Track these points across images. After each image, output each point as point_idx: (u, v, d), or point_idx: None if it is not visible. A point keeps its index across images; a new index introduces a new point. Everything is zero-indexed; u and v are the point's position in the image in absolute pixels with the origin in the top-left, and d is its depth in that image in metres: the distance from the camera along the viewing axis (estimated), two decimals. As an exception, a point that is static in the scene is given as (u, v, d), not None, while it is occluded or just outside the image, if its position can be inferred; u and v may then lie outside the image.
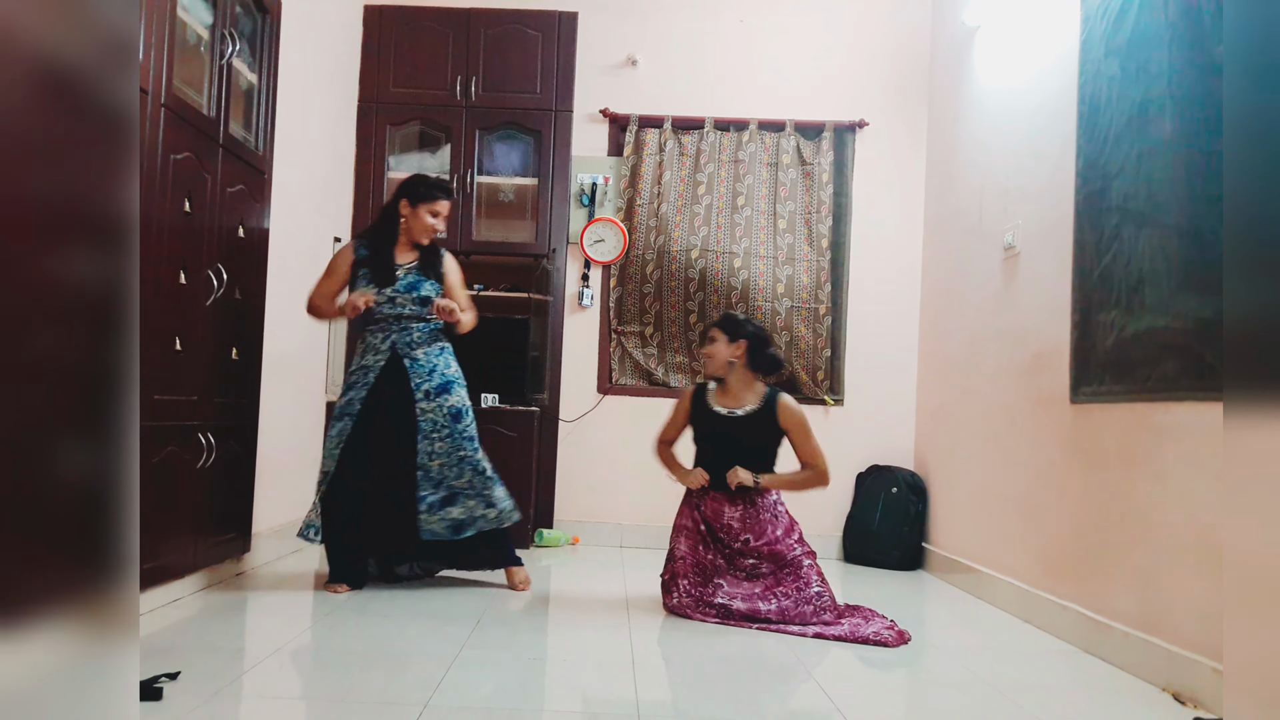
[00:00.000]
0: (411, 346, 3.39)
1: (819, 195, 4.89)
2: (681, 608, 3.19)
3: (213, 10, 3.05)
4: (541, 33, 4.78)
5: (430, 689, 2.25)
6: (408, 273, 3.41)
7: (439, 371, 3.40)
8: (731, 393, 3.43)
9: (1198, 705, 2.37)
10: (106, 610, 1.10)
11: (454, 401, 3.40)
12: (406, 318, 3.39)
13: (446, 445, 3.37)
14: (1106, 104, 2.98)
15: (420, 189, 3.47)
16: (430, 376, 3.38)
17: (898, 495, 4.58)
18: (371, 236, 3.50)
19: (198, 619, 2.86)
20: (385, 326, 3.40)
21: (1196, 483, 2.48)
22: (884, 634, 2.95)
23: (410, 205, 3.45)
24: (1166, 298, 2.61)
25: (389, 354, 3.38)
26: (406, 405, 3.35)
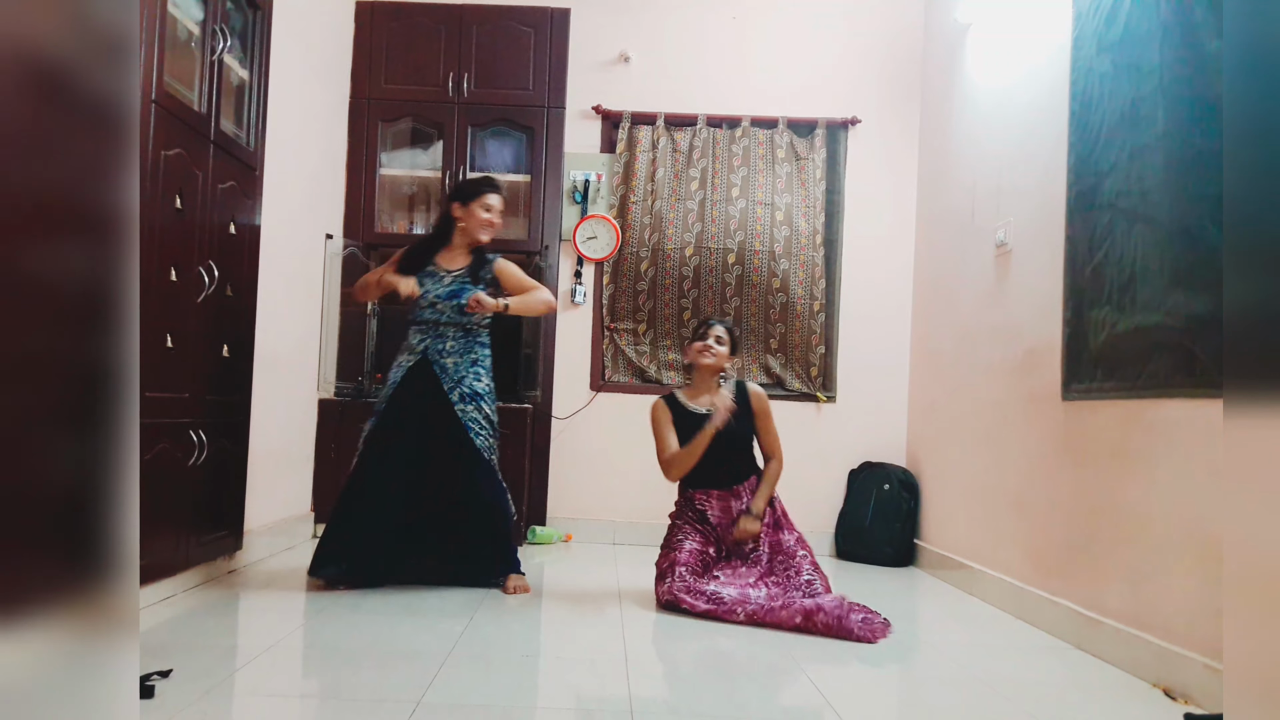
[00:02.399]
0: (443, 354, 3.41)
1: (812, 192, 4.90)
2: (673, 592, 3.19)
3: (204, 6, 3.04)
4: (534, 29, 4.77)
5: (423, 686, 2.25)
6: (454, 279, 3.45)
7: (467, 383, 3.41)
8: (700, 391, 3.53)
9: (1188, 700, 2.38)
10: (106, 609, 1.10)
11: (486, 412, 3.45)
12: (444, 324, 3.43)
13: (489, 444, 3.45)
14: (1098, 101, 2.99)
15: (467, 188, 3.54)
16: (459, 385, 3.40)
17: (890, 492, 4.59)
18: (420, 243, 3.60)
19: (190, 616, 2.85)
20: (424, 330, 3.45)
21: (1188, 479, 2.49)
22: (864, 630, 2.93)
23: (462, 205, 3.49)
24: (1158, 295, 2.61)
25: (420, 357, 3.42)
26: (443, 408, 3.37)
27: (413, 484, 3.39)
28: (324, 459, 4.45)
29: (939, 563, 4.24)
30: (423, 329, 3.45)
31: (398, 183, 4.93)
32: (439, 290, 3.42)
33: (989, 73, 4.01)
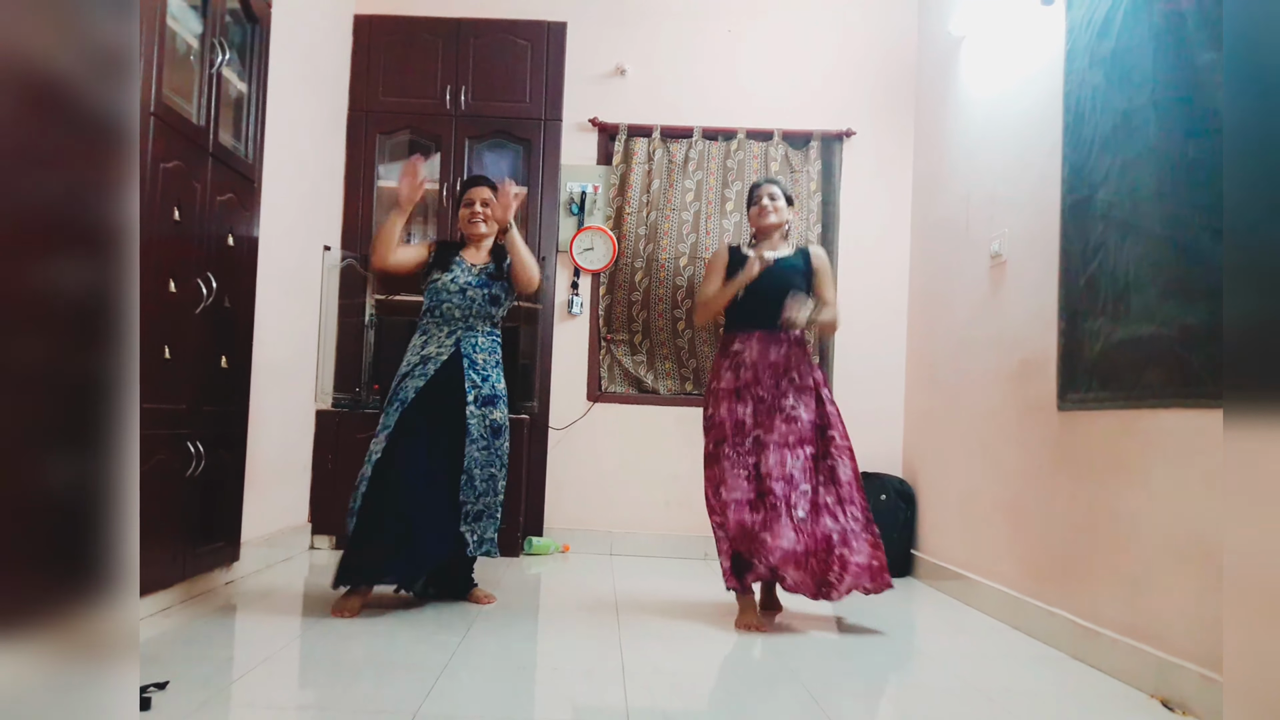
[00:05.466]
0: (475, 349, 3.37)
1: (807, 204, 4.91)
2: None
3: (202, 19, 3.06)
4: (531, 42, 4.79)
5: (420, 698, 2.24)
6: (480, 273, 3.43)
7: (491, 382, 3.35)
8: (766, 247, 3.43)
9: (1186, 711, 2.39)
10: (107, 624, 1.10)
11: (497, 416, 3.34)
12: (474, 317, 3.38)
13: (484, 457, 3.31)
14: (1091, 113, 3.01)
15: (457, 195, 3.60)
16: (483, 384, 3.33)
17: (886, 502, 4.59)
18: (444, 244, 3.58)
19: (186, 628, 2.84)
20: (452, 325, 3.37)
21: (1183, 489, 2.50)
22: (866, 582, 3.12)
23: (456, 213, 3.56)
24: (1152, 305, 2.63)
25: (453, 349, 3.33)
26: (457, 407, 3.28)
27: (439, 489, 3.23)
28: (321, 470, 4.45)
29: (936, 573, 4.24)
30: (451, 322, 3.36)
31: (396, 195, 4.91)
32: (470, 278, 3.39)
33: (983, 85, 4.03)
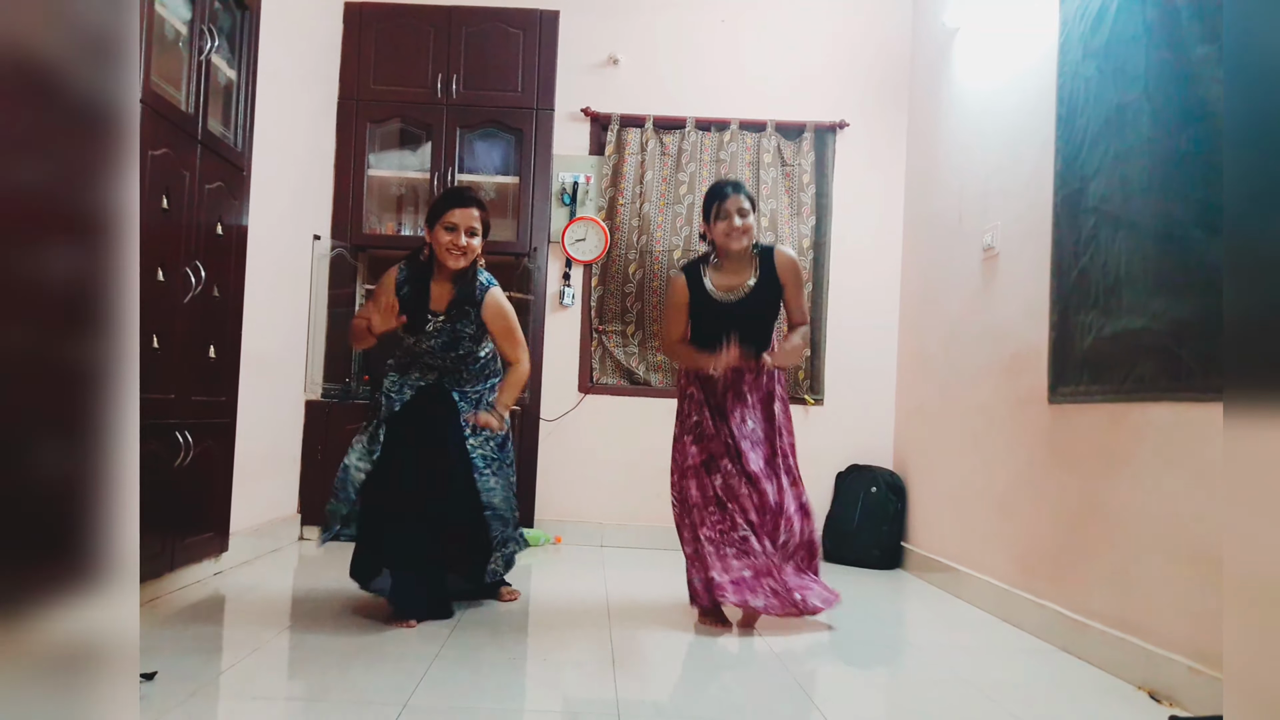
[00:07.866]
0: (460, 383, 3.13)
1: (799, 196, 4.91)
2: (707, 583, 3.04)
3: (191, 5, 3.03)
4: (523, 31, 4.77)
5: (410, 688, 2.24)
6: (439, 329, 3.04)
7: (485, 403, 3.14)
8: (729, 269, 3.18)
9: (1174, 703, 2.39)
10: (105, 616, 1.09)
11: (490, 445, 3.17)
12: (450, 370, 3.11)
13: (500, 479, 3.14)
14: (1084, 106, 3.00)
15: (433, 207, 3.05)
16: (476, 408, 3.11)
17: (877, 495, 4.60)
18: (412, 268, 3.08)
19: (174, 618, 2.83)
20: (434, 371, 3.12)
21: (1174, 482, 2.50)
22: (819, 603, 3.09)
23: (430, 229, 3.02)
24: (1143, 298, 2.63)
25: (435, 378, 3.12)
26: (457, 437, 3.05)
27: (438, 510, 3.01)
28: (310, 461, 4.44)
29: (926, 565, 4.25)
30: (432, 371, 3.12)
31: (386, 184, 4.92)
32: (434, 343, 3.05)
33: (976, 77, 4.03)
